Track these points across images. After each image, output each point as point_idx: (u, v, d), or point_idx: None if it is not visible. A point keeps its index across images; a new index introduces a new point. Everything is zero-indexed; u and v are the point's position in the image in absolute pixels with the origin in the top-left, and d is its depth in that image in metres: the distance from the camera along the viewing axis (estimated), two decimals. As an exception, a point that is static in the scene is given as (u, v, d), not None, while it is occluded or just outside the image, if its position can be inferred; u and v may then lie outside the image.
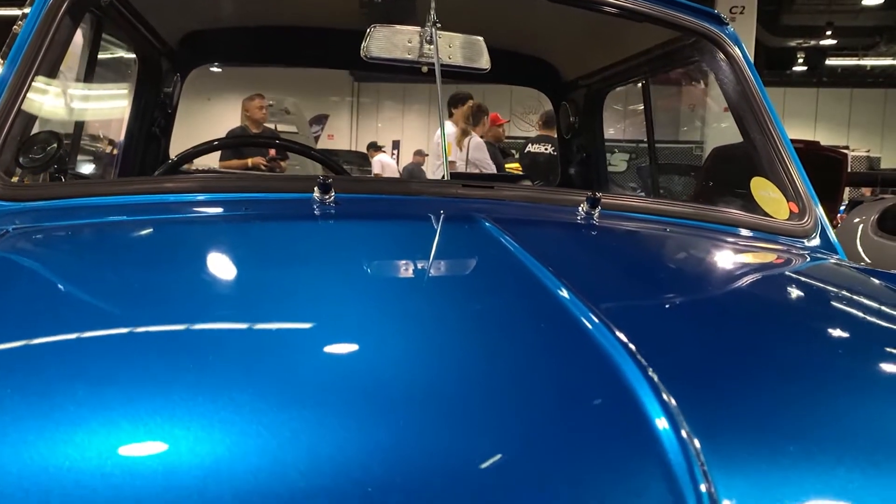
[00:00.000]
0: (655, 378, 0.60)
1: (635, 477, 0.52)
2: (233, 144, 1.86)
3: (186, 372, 0.61)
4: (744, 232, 1.49)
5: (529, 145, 5.40)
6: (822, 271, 1.29)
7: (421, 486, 0.50)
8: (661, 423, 0.55)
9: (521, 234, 1.02)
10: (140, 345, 0.68)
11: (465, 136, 4.85)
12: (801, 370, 0.74)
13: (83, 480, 0.49)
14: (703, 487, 0.51)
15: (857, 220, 3.50)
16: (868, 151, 16.93)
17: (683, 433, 0.54)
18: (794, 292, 1.13)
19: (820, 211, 1.65)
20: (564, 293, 0.78)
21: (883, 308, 1.06)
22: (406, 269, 1.00)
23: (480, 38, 1.56)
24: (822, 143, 10.57)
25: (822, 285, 1.18)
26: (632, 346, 0.64)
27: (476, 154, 4.81)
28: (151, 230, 1.16)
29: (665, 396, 0.57)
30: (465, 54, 1.55)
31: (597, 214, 1.32)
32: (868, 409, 0.68)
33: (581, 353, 0.67)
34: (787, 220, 1.58)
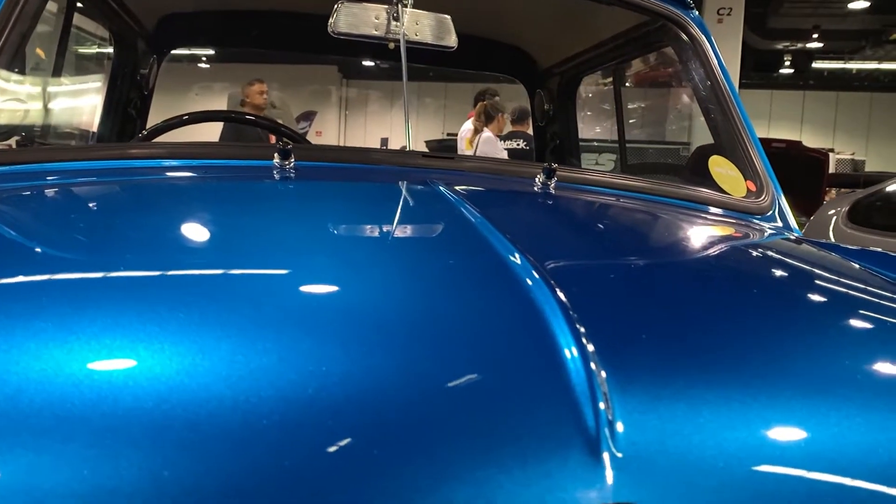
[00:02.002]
0: (574, 316, 0.63)
1: (543, 397, 0.57)
2: (202, 119, 1.89)
3: (161, 305, 0.65)
4: (699, 207, 1.52)
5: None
6: (770, 242, 1.32)
7: (363, 400, 0.55)
8: (572, 352, 0.59)
9: (475, 198, 1.05)
10: (108, 286, 0.71)
11: (477, 134, 4.97)
12: (717, 318, 0.77)
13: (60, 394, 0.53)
14: (601, 406, 0.55)
15: (830, 212, 3.56)
16: (853, 154, 17.05)
17: (592, 365, 0.58)
18: (734, 256, 1.16)
19: (779, 191, 1.69)
20: (508, 248, 0.81)
21: (816, 270, 1.09)
22: (361, 225, 1.04)
23: (448, 17, 1.59)
24: (809, 145, 10.67)
25: (765, 252, 1.22)
26: (560, 293, 0.67)
27: (484, 147, 4.88)
28: (119, 189, 1.19)
29: (581, 332, 0.61)
30: (432, 32, 1.58)
31: (553, 185, 1.35)
32: (774, 347, 0.71)
33: (510, 295, 0.70)
34: (744, 197, 1.62)
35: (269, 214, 1.02)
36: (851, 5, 14.55)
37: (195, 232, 0.96)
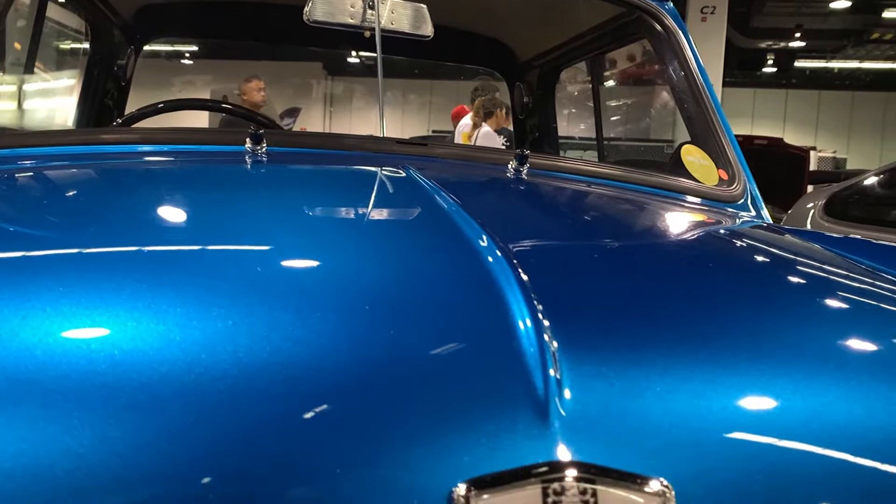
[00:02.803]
0: (532, 292, 0.65)
1: (496, 364, 0.59)
2: (178, 107, 1.89)
3: (121, 277, 0.66)
4: (670, 194, 1.54)
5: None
6: (736, 226, 1.34)
7: (321, 365, 0.57)
8: (526, 324, 0.61)
9: (446, 182, 1.06)
10: (71, 259, 0.73)
11: (476, 129, 4.99)
12: (671, 294, 0.79)
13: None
14: (551, 373, 0.57)
15: (808, 205, 3.60)
16: (834, 153, 17.24)
17: (546, 336, 0.60)
18: (697, 238, 1.17)
19: (751, 181, 1.71)
20: (474, 228, 0.82)
21: (777, 250, 1.11)
22: (329, 205, 1.05)
23: (423, 6, 1.60)
24: (791, 143, 10.78)
25: (729, 235, 1.23)
26: (520, 270, 0.69)
27: (483, 142, 4.89)
28: (91, 172, 1.20)
29: (536, 305, 0.63)
30: (407, 21, 1.59)
31: (525, 171, 1.36)
32: (725, 319, 0.73)
33: (471, 271, 0.72)
34: (716, 186, 1.64)
35: (238, 195, 1.03)
36: (833, 5, 14.70)
37: (163, 211, 0.96)
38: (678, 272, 0.90)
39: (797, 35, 16.33)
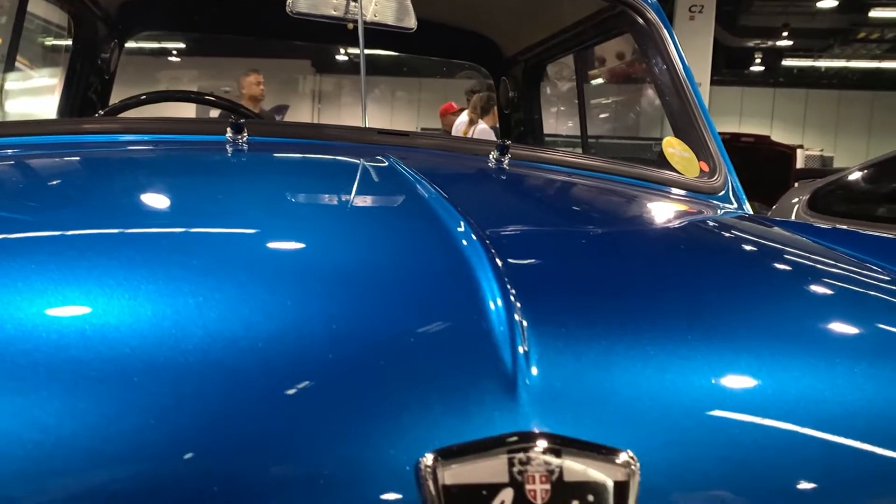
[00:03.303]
0: (504, 273, 0.66)
1: (467, 341, 0.60)
2: (160, 98, 1.89)
3: (104, 258, 0.67)
4: (650, 185, 1.55)
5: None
6: (714, 215, 1.35)
7: (300, 341, 0.58)
8: (496, 303, 0.62)
9: (426, 171, 1.07)
10: (55, 242, 0.73)
11: (472, 126, 5.00)
12: (642, 277, 0.80)
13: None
14: (520, 349, 0.58)
15: (793, 200, 3.64)
16: (822, 151, 17.35)
17: (516, 315, 0.61)
18: (673, 226, 1.18)
19: (732, 173, 1.72)
20: (452, 213, 0.82)
21: (753, 237, 1.12)
22: (309, 191, 1.05)
23: None
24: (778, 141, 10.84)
25: (706, 223, 1.24)
26: (493, 252, 0.70)
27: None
28: (72, 160, 1.20)
29: (508, 286, 0.64)
30: (391, 13, 1.59)
31: (506, 162, 1.37)
32: (693, 299, 0.75)
33: (446, 253, 0.73)
34: (697, 178, 1.65)
35: (216, 180, 1.04)
36: (820, 4, 14.79)
37: (139, 195, 0.97)
38: (651, 255, 0.91)
39: (784, 34, 16.43)
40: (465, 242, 0.72)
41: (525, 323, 0.60)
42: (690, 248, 1.00)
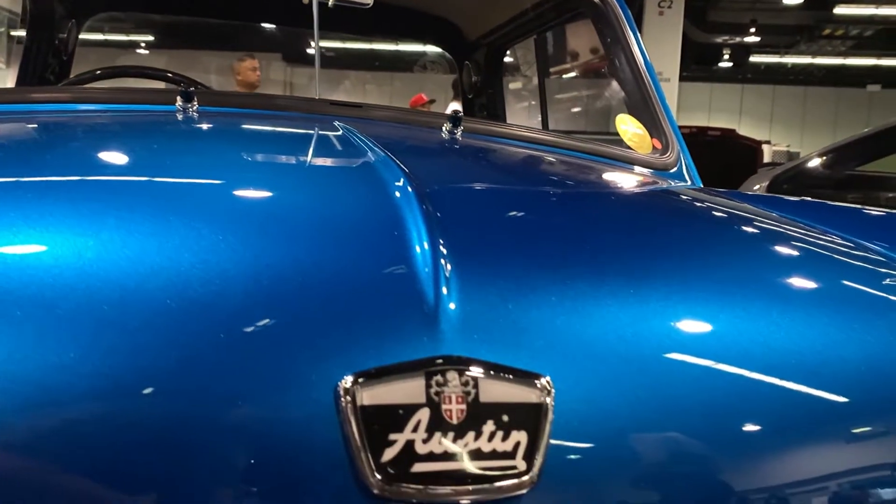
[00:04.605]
0: (436, 224, 0.68)
1: (395, 280, 0.62)
2: (116, 74, 1.88)
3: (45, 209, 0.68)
4: (601, 160, 1.57)
5: None
6: (661, 186, 1.37)
7: (247, 281, 0.61)
8: (423, 247, 0.64)
9: (376, 137, 1.08)
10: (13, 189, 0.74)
11: None
12: (574, 228, 0.82)
13: None
14: (443, 290, 0.60)
15: (755, 186, 3.71)
16: (788, 146, 17.62)
17: (442, 260, 0.63)
18: (612, 193, 1.21)
19: (685, 151, 1.75)
20: (394, 170, 0.84)
21: (696, 203, 1.14)
22: (259, 151, 1.07)
23: None
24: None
25: (650, 192, 1.27)
26: (427, 205, 0.72)
27: None
28: (18, 127, 1.18)
29: (437, 235, 0.66)
30: None
31: (458, 133, 1.38)
32: (617, 249, 0.78)
33: (382, 204, 0.75)
34: (650, 154, 1.68)
35: (168, 142, 1.05)
36: (786, 0, 15.01)
37: (93, 154, 0.97)
38: (586, 212, 0.93)
39: (752, 30, 16.65)
40: (398, 194, 0.74)
41: (450, 266, 0.62)
42: (627, 206, 1.02)
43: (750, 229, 0.98)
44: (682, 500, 0.58)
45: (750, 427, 0.61)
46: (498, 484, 0.53)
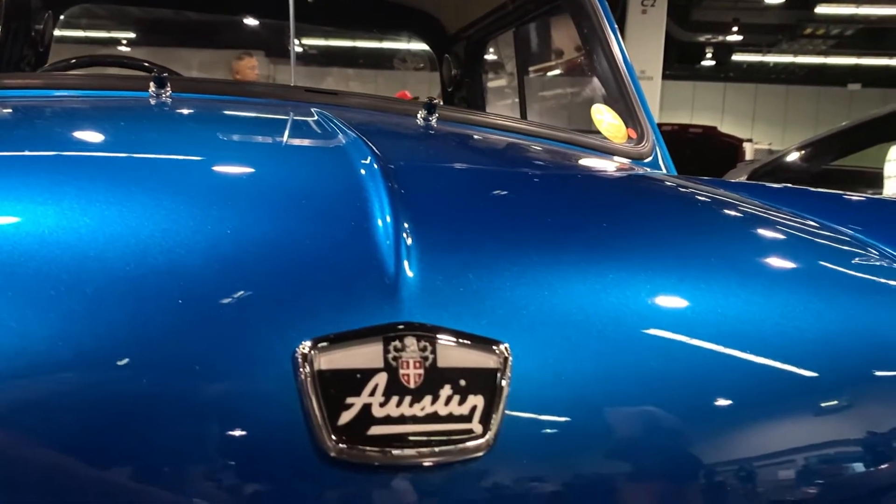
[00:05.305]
0: (399, 200, 0.69)
1: (357, 251, 0.63)
2: (89, 63, 1.87)
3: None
4: (576, 149, 1.58)
5: None
6: (634, 174, 1.38)
7: (219, 254, 0.61)
8: (386, 220, 0.65)
9: (350, 121, 1.08)
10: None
11: None
12: (538, 206, 0.83)
13: None
14: (405, 263, 0.61)
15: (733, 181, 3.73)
16: (770, 145, 17.75)
17: (404, 234, 0.64)
18: (583, 178, 1.21)
19: (660, 141, 1.77)
20: (363, 150, 0.85)
21: (670, 186, 1.16)
22: (233, 133, 1.07)
23: None
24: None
25: (622, 178, 1.27)
26: (392, 182, 0.73)
27: None
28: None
29: (399, 210, 0.67)
30: None
31: (434, 120, 1.39)
32: (587, 224, 0.79)
33: (349, 181, 0.75)
34: (625, 143, 1.69)
35: (141, 124, 1.04)
36: (768, 0, 15.14)
37: (67, 135, 0.97)
38: (553, 191, 0.94)
39: (734, 29, 16.78)
40: (363, 171, 0.75)
41: (411, 239, 0.63)
42: (594, 186, 1.03)
43: (717, 208, 0.99)
44: (635, 467, 0.59)
45: (717, 400, 0.62)
46: (454, 447, 0.53)
